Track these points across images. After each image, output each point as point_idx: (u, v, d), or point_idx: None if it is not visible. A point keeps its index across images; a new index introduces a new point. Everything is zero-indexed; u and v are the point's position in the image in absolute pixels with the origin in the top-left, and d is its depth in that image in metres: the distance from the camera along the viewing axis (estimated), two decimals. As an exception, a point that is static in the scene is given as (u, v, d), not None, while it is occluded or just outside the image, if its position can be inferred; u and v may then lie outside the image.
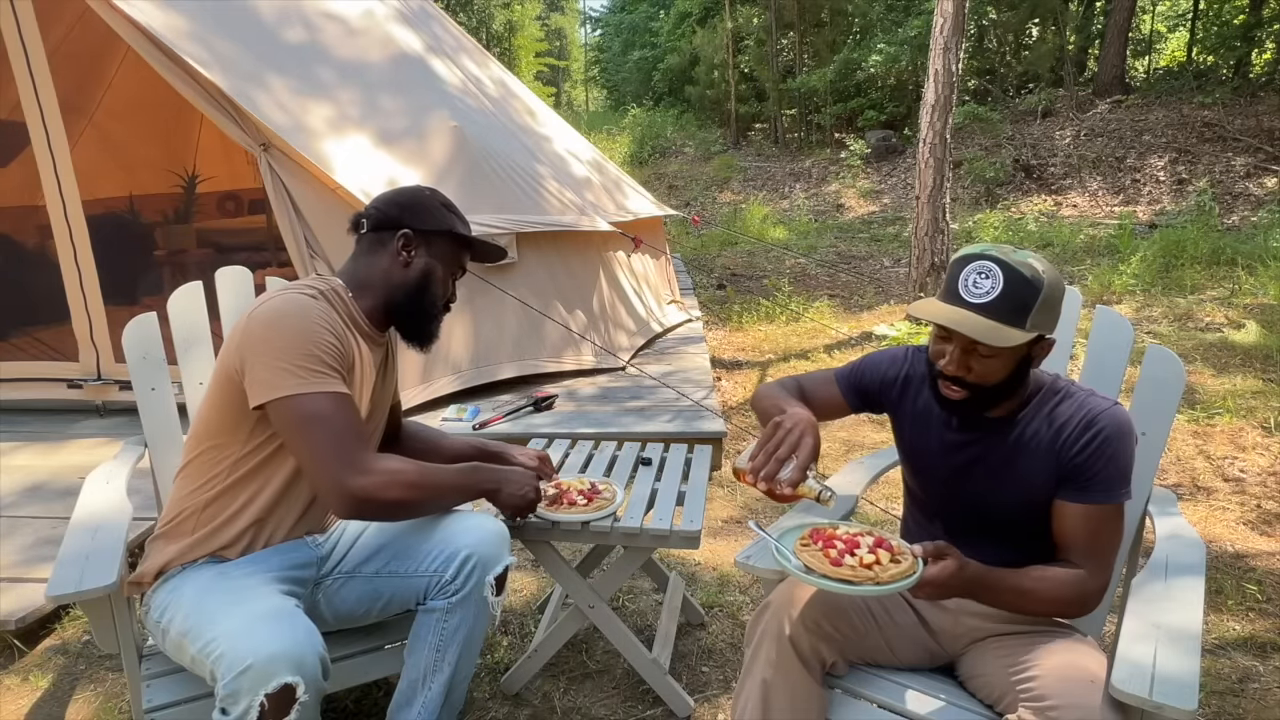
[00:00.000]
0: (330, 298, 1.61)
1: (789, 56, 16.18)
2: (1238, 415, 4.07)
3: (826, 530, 1.43)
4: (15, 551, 2.66)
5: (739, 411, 4.46)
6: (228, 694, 1.29)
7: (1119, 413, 1.44)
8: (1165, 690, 1.19)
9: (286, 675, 1.29)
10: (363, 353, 1.64)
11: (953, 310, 1.38)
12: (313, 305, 1.53)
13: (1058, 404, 1.47)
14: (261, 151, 3.55)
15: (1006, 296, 1.36)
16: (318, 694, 1.36)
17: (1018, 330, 1.36)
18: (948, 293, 1.41)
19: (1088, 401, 1.46)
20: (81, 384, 3.96)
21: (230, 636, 1.34)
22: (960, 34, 5.84)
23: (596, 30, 32.51)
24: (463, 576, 1.64)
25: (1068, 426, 1.44)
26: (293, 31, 4.24)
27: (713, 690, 2.19)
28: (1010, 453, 1.49)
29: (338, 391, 1.48)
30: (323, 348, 1.49)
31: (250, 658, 1.29)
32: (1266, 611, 2.52)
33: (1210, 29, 14.10)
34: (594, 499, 1.90)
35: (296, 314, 1.50)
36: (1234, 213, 9.40)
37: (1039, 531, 1.49)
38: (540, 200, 4.38)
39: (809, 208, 12.32)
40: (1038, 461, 1.46)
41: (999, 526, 1.53)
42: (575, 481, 1.96)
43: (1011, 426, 1.49)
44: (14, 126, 4.12)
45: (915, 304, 1.47)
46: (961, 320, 1.36)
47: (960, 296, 1.39)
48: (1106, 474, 1.42)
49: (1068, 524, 1.45)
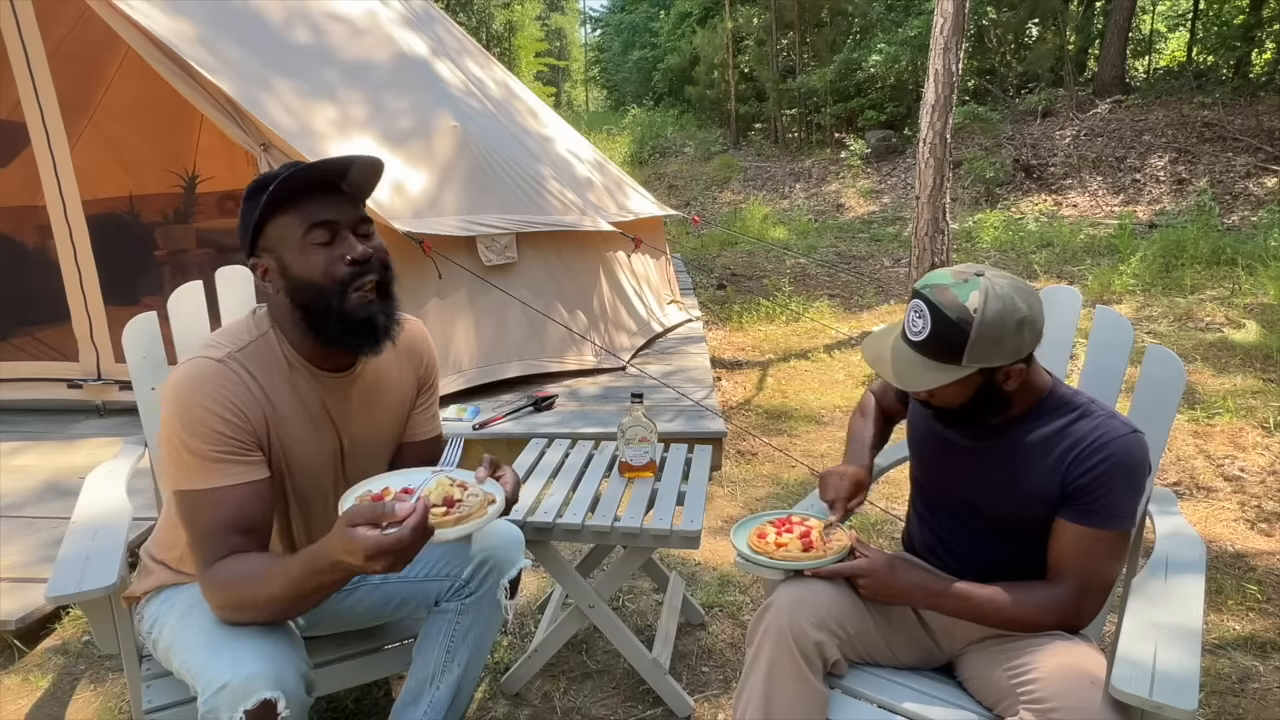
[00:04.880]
0: (247, 353, 1.43)
1: (789, 56, 16.17)
2: (1238, 415, 4.07)
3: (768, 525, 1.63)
4: (15, 552, 2.66)
5: (739, 411, 4.46)
6: (207, 711, 1.28)
7: (1135, 441, 1.40)
8: (1165, 690, 1.19)
9: (266, 692, 1.27)
10: (302, 395, 1.47)
11: (884, 350, 1.48)
12: (208, 379, 1.37)
13: (1075, 420, 1.45)
14: (261, 151, 3.55)
15: (935, 337, 1.39)
16: (302, 708, 1.34)
17: (952, 367, 1.38)
18: (904, 325, 1.47)
19: (1106, 424, 1.42)
20: (81, 384, 3.96)
21: (210, 653, 1.33)
22: (960, 34, 5.84)
23: (596, 30, 32.51)
24: (478, 579, 1.64)
25: (1079, 445, 1.42)
26: (297, 34, 4.24)
27: (713, 690, 2.19)
28: (1011, 459, 1.48)
29: (205, 488, 1.35)
30: (202, 435, 1.34)
31: (228, 675, 1.27)
32: (1266, 611, 2.52)
33: (1210, 29, 14.08)
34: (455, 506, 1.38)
35: (186, 394, 1.37)
36: (1234, 212, 9.39)
37: (1037, 538, 1.48)
38: (541, 200, 4.38)
39: (809, 208, 12.31)
40: (1041, 472, 1.45)
41: (997, 529, 1.53)
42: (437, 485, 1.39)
43: (1017, 433, 1.48)
44: (14, 126, 4.12)
45: (866, 339, 1.57)
46: (885, 364, 1.46)
47: (905, 331, 1.45)
48: (1110, 500, 1.39)
49: (1061, 544, 1.43)
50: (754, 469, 3.69)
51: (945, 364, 1.39)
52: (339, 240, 1.40)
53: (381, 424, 1.62)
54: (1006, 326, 1.36)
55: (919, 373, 1.41)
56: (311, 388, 1.49)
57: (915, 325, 1.41)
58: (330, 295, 1.39)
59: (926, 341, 1.40)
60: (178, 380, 1.39)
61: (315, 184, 1.39)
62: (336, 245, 1.40)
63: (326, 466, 1.55)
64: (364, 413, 1.58)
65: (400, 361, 1.64)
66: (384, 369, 1.60)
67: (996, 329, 1.35)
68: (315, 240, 1.38)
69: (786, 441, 4.00)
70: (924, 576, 1.51)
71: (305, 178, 1.37)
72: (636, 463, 2.17)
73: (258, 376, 1.43)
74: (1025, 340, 1.38)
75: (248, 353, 1.44)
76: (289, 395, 1.46)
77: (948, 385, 1.40)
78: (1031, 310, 1.38)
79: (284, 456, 1.47)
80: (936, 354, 1.39)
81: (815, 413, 4.43)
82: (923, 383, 1.41)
